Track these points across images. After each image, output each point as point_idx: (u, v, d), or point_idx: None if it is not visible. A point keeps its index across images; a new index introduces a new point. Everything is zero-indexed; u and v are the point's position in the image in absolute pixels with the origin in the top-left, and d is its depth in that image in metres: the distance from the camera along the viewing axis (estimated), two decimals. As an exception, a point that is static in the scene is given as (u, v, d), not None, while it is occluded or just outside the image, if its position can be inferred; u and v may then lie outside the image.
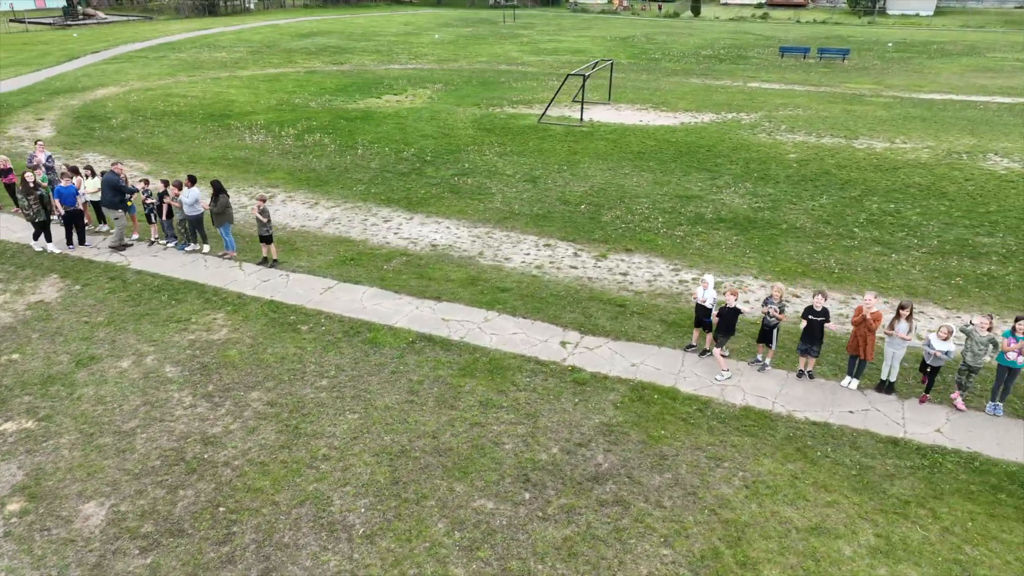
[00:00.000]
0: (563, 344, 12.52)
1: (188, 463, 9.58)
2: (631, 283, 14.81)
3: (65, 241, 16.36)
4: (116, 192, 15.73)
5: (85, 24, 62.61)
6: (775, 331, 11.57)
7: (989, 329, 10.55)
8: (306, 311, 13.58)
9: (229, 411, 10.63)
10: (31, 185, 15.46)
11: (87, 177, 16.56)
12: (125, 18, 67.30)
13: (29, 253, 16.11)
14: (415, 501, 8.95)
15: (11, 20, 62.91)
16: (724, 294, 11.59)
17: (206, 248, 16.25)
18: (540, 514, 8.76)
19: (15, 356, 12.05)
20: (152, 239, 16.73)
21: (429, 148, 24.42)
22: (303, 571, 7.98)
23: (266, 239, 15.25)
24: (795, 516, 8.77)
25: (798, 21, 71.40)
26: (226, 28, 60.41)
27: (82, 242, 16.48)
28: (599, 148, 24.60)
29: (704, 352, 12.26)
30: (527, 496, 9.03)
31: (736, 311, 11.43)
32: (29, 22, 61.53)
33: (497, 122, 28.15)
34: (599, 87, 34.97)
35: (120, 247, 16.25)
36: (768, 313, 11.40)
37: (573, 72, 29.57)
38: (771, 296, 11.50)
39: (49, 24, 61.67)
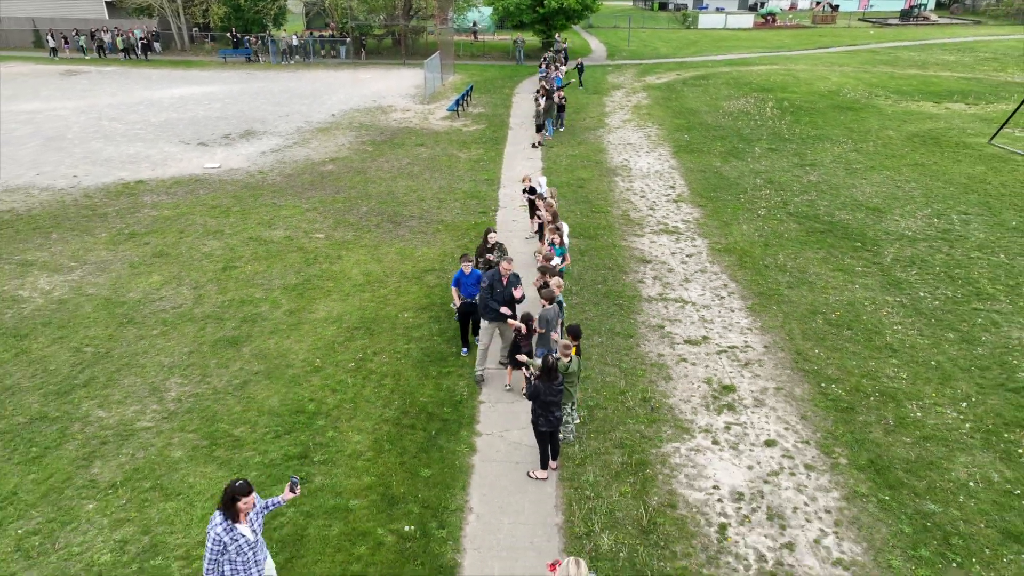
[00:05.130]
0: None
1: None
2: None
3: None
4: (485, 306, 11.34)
5: (904, 25, 68.94)
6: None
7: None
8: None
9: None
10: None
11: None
12: (950, 22, 70.10)
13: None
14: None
15: (859, 19, 74.98)
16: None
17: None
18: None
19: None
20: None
21: (804, 136, 26.32)
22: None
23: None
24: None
25: None
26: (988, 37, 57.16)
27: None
28: (965, 170, 21.45)
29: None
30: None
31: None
32: (870, 21, 72.32)
33: (949, 136, 25.65)
34: None
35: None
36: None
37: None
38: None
39: (872, 23, 70.86)
